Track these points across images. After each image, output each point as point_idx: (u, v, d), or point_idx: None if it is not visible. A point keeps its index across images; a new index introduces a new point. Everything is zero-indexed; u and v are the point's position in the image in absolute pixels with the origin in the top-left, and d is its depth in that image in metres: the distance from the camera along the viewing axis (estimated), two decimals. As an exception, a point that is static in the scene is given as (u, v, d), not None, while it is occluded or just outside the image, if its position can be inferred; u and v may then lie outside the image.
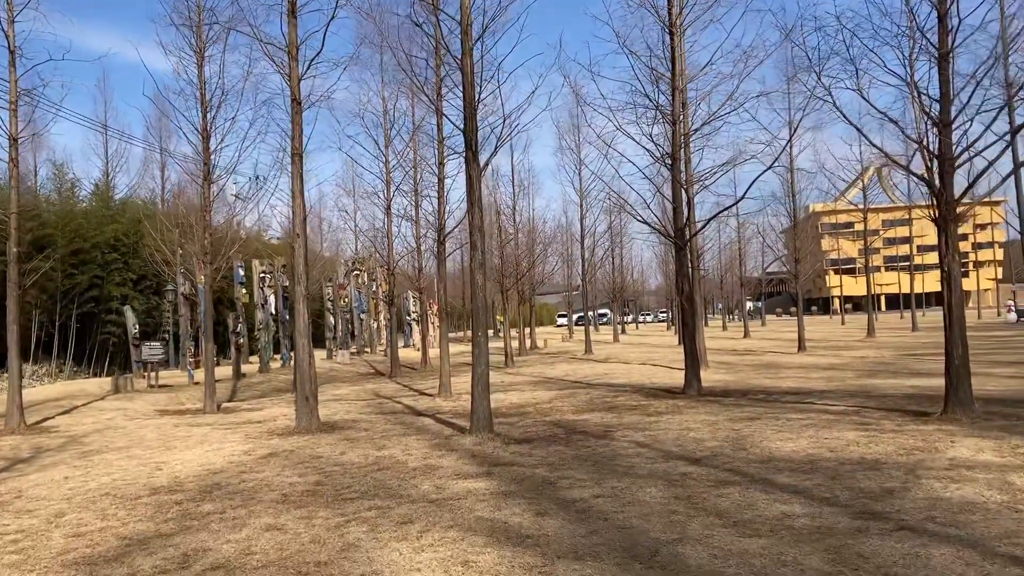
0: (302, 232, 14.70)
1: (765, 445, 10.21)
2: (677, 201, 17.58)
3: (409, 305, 45.85)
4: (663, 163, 17.89)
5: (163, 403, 22.71)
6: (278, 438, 13.47)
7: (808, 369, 23.09)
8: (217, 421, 16.99)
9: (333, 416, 16.68)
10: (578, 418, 14.18)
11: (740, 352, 33.51)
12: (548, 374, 25.98)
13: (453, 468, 9.69)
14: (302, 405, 14.46)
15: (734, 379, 21.02)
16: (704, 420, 12.94)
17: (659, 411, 14.61)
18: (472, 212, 12.26)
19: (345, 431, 14.01)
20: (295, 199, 14.70)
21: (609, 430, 12.38)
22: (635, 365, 28.41)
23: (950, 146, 11.69)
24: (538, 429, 12.97)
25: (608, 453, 10.24)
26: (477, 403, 12.15)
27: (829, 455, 9.31)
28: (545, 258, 38.01)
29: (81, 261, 35.51)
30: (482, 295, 12.47)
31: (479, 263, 12.31)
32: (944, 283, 11.82)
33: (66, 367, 35.04)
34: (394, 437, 12.81)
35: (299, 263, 14.64)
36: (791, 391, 17.24)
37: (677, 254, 17.84)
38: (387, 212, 28.41)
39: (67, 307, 35.49)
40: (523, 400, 18.04)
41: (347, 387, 25.66)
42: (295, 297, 14.81)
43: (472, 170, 12.24)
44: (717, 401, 15.93)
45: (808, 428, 11.43)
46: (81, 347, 36.39)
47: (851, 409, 13.41)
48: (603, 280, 55.57)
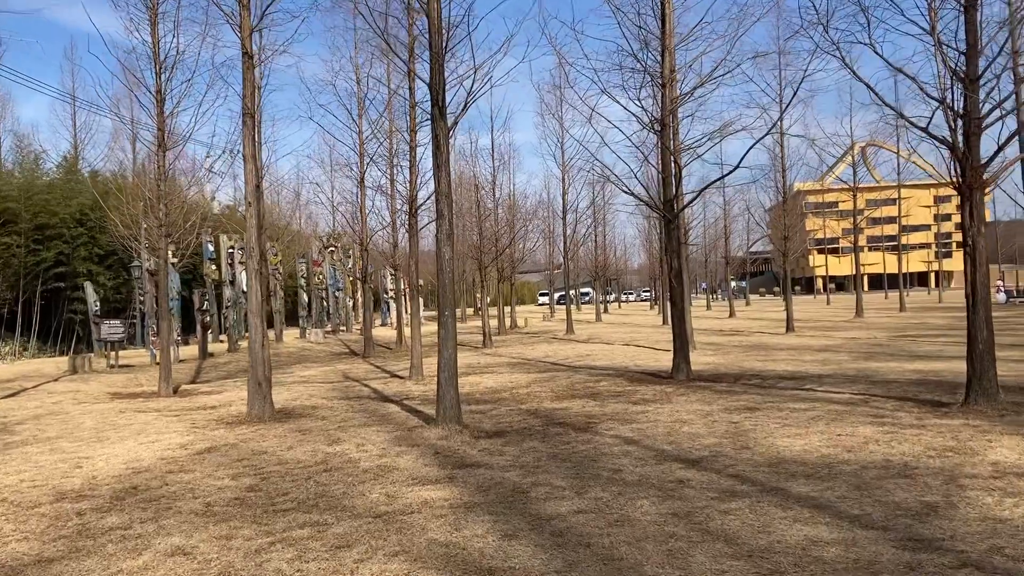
0: (255, 200, 13.16)
1: (770, 443, 8.83)
2: (666, 171, 16.13)
3: (387, 283, 44.27)
4: (652, 129, 16.43)
5: (120, 385, 21.19)
6: (225, 428, 12.00)
7: (800, 351, 21.80)
8: (168, 406, 15.51)
9: (293, 401, 15.23)
10: (557, 406, 12.78)
11: (727, 332, 32.23)
12: (527, 355, 24.59)
13: (411, 470, 8.24)
14: (254, 391, 12.98)
15: (724, 362, 19.70)
16: (697, 410, 11.56)
17: (646, 399, 13.23)
18: (439, 176, 10.77)
19: (300, 420, 12.56)
20: (247, 164, 13.15)
21: (592, 421, 10.98)
22: (618, 346, 27.05)
23: (977, 104, 10.28)
24: (513, 419, 11.56)
25: (590, 451, 8.83)
26: (443, 391, 10.72)
27: (847, 456, 7.93)
28: (526, 235, 36.53)
29: (46, 236, 33.79)
30: (449, 270, 11.00)
31: (446, 234, 10.83)
32: (968, 258, 10.45)
33: (31, 346, 33.40)
34: (352, 428, 11.37)
35: (252, 235, 13.11)
36: (787, 375, 15.92)
37: (666, 228, 16.42)
38: (360, 185, 26.89)
39: (31, 283, 33.79)
40: (499, 384, 16.64)
41: (317, 368, 24.20)
42: (248, 272, 13.30)
43: (439, 128, 10.73)
44: (708, 387, 14.58)
45: (816, 421, 10.07)
46: (47, 325, 34.75)
47: (858, 397, 12.07)
48: (585, 258, 54.17)
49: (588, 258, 52.72)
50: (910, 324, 31.05)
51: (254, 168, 13.18)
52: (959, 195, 10.44)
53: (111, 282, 36.16)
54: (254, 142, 13.25)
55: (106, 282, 35.82)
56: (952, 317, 35.42)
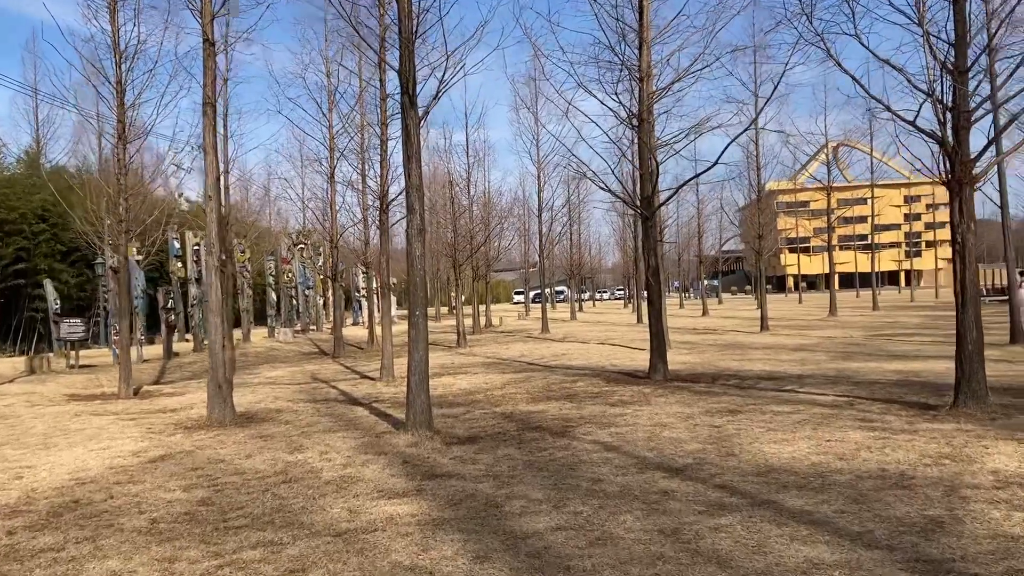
0: (215, 194, 12.51)
1: (757, 449, 8.36)
2: (644, 167, 15.66)
3: (359, 281, 43.49)
4: (629, 125, 15.94)
5: (79, 386, 20.40)
6: (182, 433, 11.35)
7: (776, 350, 21.45)
8: (126, 409, 14.81)
9: (257, 404, 14.58)
10: (533, 409, 12.25)
11: (701, 331, 31.90)
12: (502, 355, 24.06)
13: (376, 481, 7.67)
14: (214, 394, 12.34)
15: (700, 361, 19.29)
16: (677, 413, 11.08)
17: (624, 400, 12.75)
18: (409, 169, 10.20)
19: (263, 424, 11.94)
20: (207, 155, 12.49)
21: (569, 425, 10.47)
22: (594, 345, 26.60)
23: (966, 97, 9.89)
24: (487, 424, 11.02)
25: (568, 458, 8.31)
26: (414, 395, 10.15)
27: (840, 464, 7.47)
28: (501, 232, 35.94)
29: (5, 232, 32.73)
30: (421, 267, 10.44)
31: (417, 229, 10.26)
32: (956, 256, 10.06)
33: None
34: (317, 434, 10.77)
35: (212, 230, 12.46)
36: (765, 376, 15.52)
37: (643, 225, 15.96)
38: (330, 180, 26.20)
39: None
40: (473, 385, 16.10)
41: (284, 368, 23.51)
42: (208, 269, 12.65)
43: (409, 119, 10.17)
44: (687, 388, 14.13)
45: (802, 426, 9.62)
46: (7, 324, 33.68)
47: (842, 400, 11.66)
48: (561, 256, 53.72)
49: (563, 256, 52.26)
50: (884, 323, 30.89)
51: (215, 160, 12.53)
52: (948, 191, 10.04)
53: (75, 279, 35.13)
54: (215, 133, 12.60)
55: (69, 279, 34.80)
56: (925, 316, 35.39)
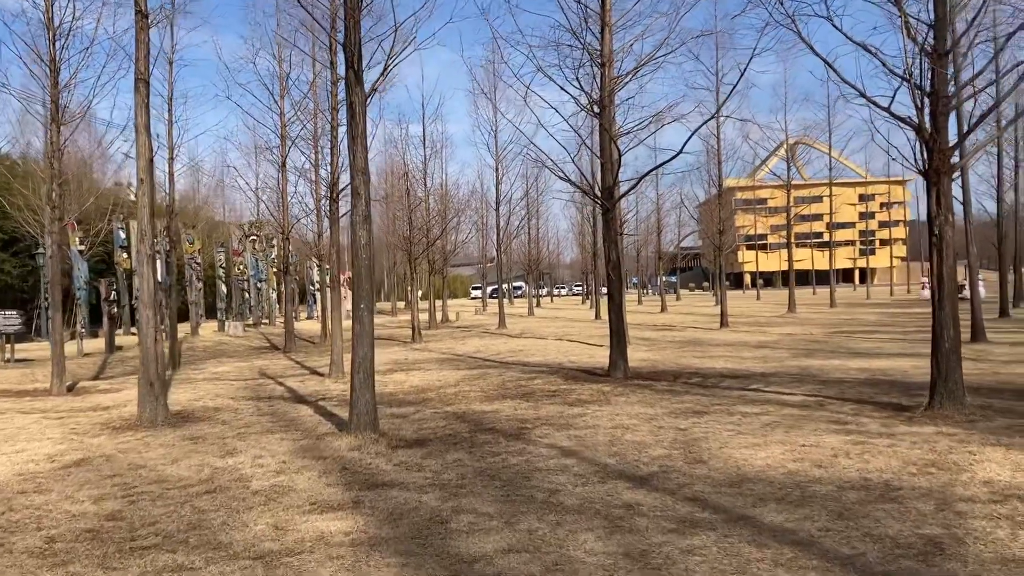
0: (147, 177, 11.55)
1: (727, 455, 7.70)
2: (605, 156, 14.98)
3: (313, 275, 42.35)
4: (590, 112, 15.25)
5: (13, 381, 19.21)
6: (108, 434, 10.42)
7: (737, 347, 20.96)
8: (56, 406, 13.79)
9: (196, 402, 13.66)
10: (487, 408, 11.51)
11: (660, 327, 31.41)
12: (458, 350, 23.27)
13: (310, 492, 6.87)
14: (145, 392, 11.39)
15: (660, 358, 18.70)
16: (640, 414, 10.42)
17: (583, 399, 12.06)
18: (355, 150, 9.39)
19: (198, 424, 11.05)
20: (139, 135, 11.52)
21: (524, 427, 9.75)
22: (551, 341, 25.94)
23: (945, 82, 9.35)
24: (437, 425, 10.25)
25: (523, 465, 7.58)
26: (358, 394, 9.35)
27: (818, 473, 6.84)
28: (458, 226, 35.12)
29: (-59, 221, 31.17)
30: (366, 256, 9.64)
31: (362, 216, 9.45)
32: (933, 250, 9.51)
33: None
34: (253, 435, 9.92)
35: (143, 215, 11.51)
36: (728, 373, 14.95)
37: (604, 217, 15.29)
38: (281, 169, 25.16)
39: (-76, 272, 31.21)
40: (426, 382, 15.31)
41: (232, 363, 22.48)
42: (139, 258, 11.70)
43: (355, 95, 9.35)
44: (648, 386, 13.50)
45: (773, 428, 9.00)
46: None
47: (811, 400, 11.09)
48: (519, 251, 53.03)
49: (521, 251, 51.57)
50: (843, 320, 30.67)
51: (147, 141, 11.56)
52: (925, 181, 9.50)
53: (17, 270, 33.71)
54: (148, 112, 11.63)
55: (11, 270, 33.39)
56: (881, 313, 35.36)
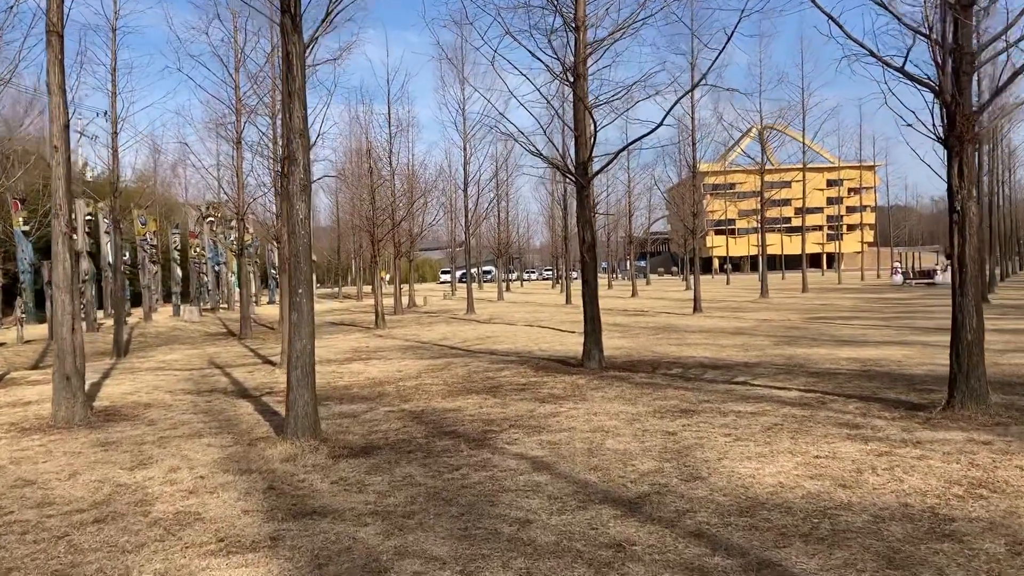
0: (62, 144, 9.99)
1: (729, 469, 6.40)
2: (580, 128, 13.62)
3: (275, 257, 40.54)
4: (564, 80, 13.86)
5: (-62, 372, 17.53)
6: (10, 438, 8.92)
7: (714, 334, 19.76)
8: (-29, 402, 12.24)
9: (127, 396, 12.16)
10: (449, 406, 10.13)
11: (631, 312, 30.21)
12: (423, 337, 21.86)
13: (221, 522, 5.46)
14: (61, 388, 9.89)
15: (635, 346, 17.44)
16: (620, 413, 9.11)
17: (556, 395, 10.73)
18: (291, 108, 7.96)
19: (119, 424, 9.57)
20: (52, 96, 9.96)
21: (490, 431, 8.39)
22: (521, 327, 24.60)
23: (970, 36, 8.10)
24: (390, 427, 8.85)
25: (487, 484, 6.22)
26: (295, 395, 7.93)
27: (844, 496, 5.55)
28: (425, 207, 33.58)
29: None
30: (305, 232, 8.22)
31: (300, 185, 8.05)
32: (955, 229, 8.26)
33: None
34: (177, 439, 8.47)
35: (59, 187, 9.96)
36: (710, 364, 13.71)
37: (578, 195, 13.94)
38: (237, 145, 23.47)
39: None
40: (384, 374, 13.91)
41: (183, 351, 20.89)
42: (53, 236, 10.15)
43: (291, 45, 7.90)
44: (626, 378, 12.20)
45: (776, 433, 7.71)
46: None
47: (810, 396, 9.84)
48: (488, 235, 51.60)
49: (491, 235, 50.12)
50: (818, 305, 29.67)
51: (61, 103, 9.99)
52: (946, 149, 8.24)
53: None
54: (63, 70, 10.05)
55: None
56: (856, 298, 34.46)
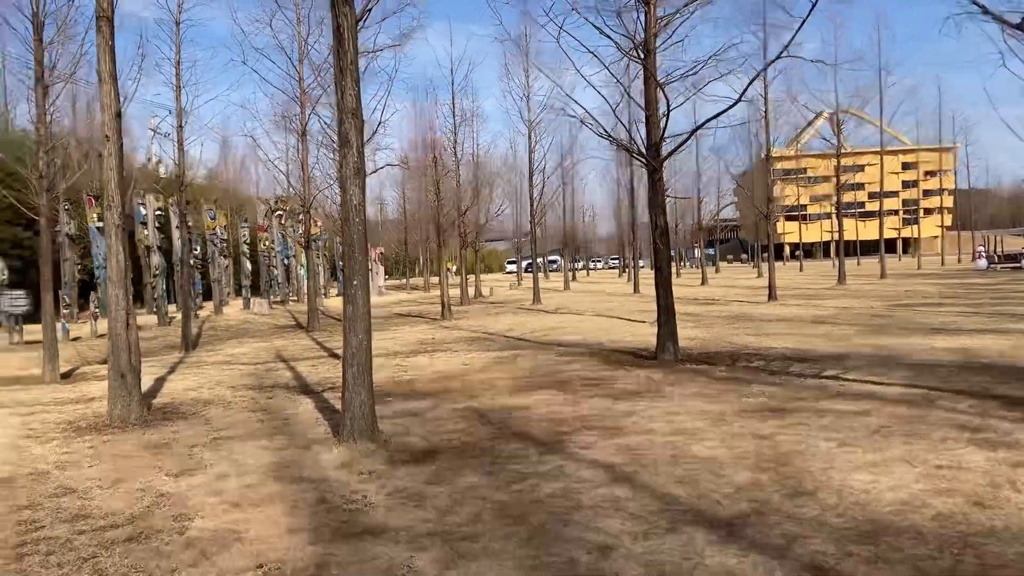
0: (113, 133, 9.59)
1: (839, 482, 5.55)
2: (651, 108, 12.75)
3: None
4: (634, 57, 13.00)
5: (13, 366, 17.55)
6: (63, 438, 8.55)
7: (793, 323, 18.63)
8: (38, 397, 12.04)
9: (188, 392, 11.81)
10: (516, 403, 9.44)
11: (703, 301, 29.16)
12: (490, 328, 21.25)
13: (263, 545, 4.85)
14: (116, 386, 9.52)
15: (710, 336, 16.49)
16: (703, 412, 8.29)
17: (631, 391, 9.95)
18: (343, 85, 7.33)
19: (174, 424, 9.15)
20: (103, 84, 9.56)
21: (561, 432, 7.67)
22: (589, 317, 23.81)
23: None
24: (454, 427, 8.20)
25: (559, 498, 5.50)
26: (351, 394, 7.34)
27: (984, 519, 4.63)
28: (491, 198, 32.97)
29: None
30: (360, 220, 7.62)
31: (354, 169, 7.43)
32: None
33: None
34: (230, 442, 7.96)
35: (110, 179, 9.57)
36: (794, 355, 12.73)
37: (650, 178, 13.07)
38: (302, 137, 23.25)
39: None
40: (450, 367, 13.31)
41: (251, 344, 20.70)
42: (106, 229, 9.77)
43: (342, 17, 7.28)
44: (704, 372, 11.34)
45: (885, 437, 6.81)
46: (-30, 296, 30.94)
47: (914, 392, 8.85)
48: (554, 225, 50.79)
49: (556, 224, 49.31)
50: (899, 292, 28.09)
51: (112, 90, 9.59)
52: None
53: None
54: (113, 57, 9.65)
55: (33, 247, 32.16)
56: (939, 284, 32.60)
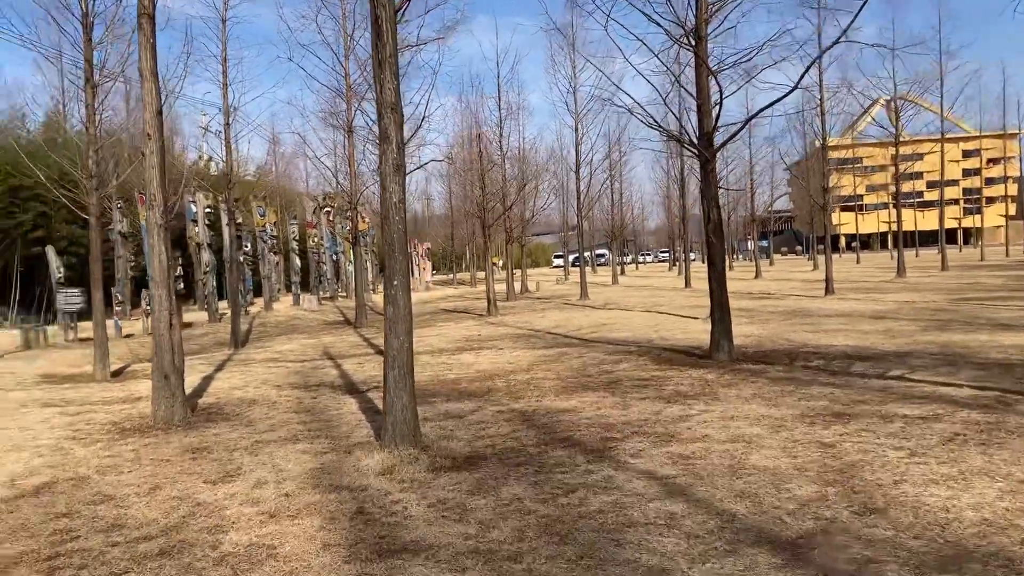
0: (155, 131, 9.46)
1: (913, 497, 5.09)
2: (703, 96, 12.26)
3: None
4: (684, 44, 12.52)
5: (68, 363, 17.79)
6: (106, 441, 8.44)
7: (851, 319, 17.92)
8: (86, 396, 12.06)
9: (234, 391, 11.71)
10: (563, 406, 9.10)
11: (757, 295, 28.42)
12: (536, 325, 20.91)
13: (297, 560, 4.58)
14: (159, 388, 9.41)
15: (766, 333, 15.93)
16: (762, 417, 7.84)
17: (684, 393, 9.53)
18: (382, 78, 7.05)
19: (217, 426, 9.00)
20: (144, 82, 9.44)
21: (611, 438, 7.30)
22: (638, 313, 23.33)
23: None
24: (498, 431, 7.88)
25: (610, 513, 5.14)
26: (392, 398, 7.07)
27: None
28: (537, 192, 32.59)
29: (22, 199, 30.51)
30: (399, 217, 7.34)
31: (394, 165, 7.15)
32: None
33: (11, 315, 30.27)
34: (271, 445, 7.76)
35: (152, 177, 9.45)
36: (855, 354, 12.15)
37: (703, 169, 12.58)
38: (348, 134, 23.19)
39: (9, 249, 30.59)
40: (495, 366, 13.01)
41: (299, 340, 20.69)
42: (149, 227, 9.67)
43: (379, 7, 6.99)
44: (761, 372, 10.86)
45: (961, 446, 6.30)
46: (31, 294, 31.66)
47: (987, 395, 8.27)
48: (601, 218, 50.16)
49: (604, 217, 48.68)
50: (963, 285, 26.99)
51: (154, 88, 9.46)
52: None
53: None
54: (154, 54, 9.52)
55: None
56: (1005, 276, 31.22)
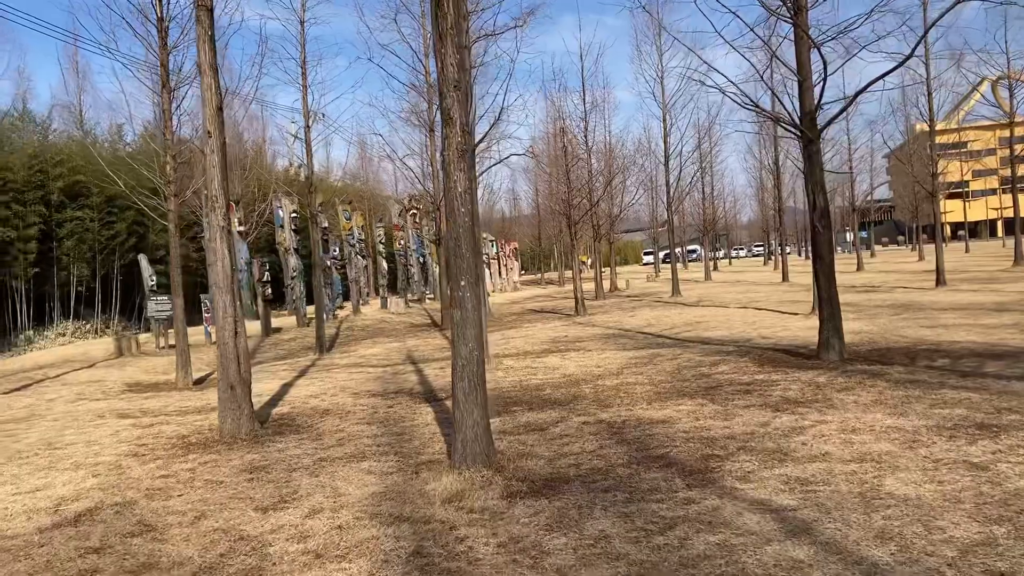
0: (215, 129, 8.93)
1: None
2: (804, 72, 11.07)
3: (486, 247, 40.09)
4: (782, 16, 11.34)
5: (156, 371, 17.78)
6: (166, 458, 7.92)
7: (971, 312, 16.27)
8: (163, 407, 11.75)
9: (310, 400, 11.17)
10: (656, 415, 8.13)
11: (861, 288, 26.61)
12: (625, 324, 19.88)
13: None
14: (226, 399, 8.88)
15: (876, 329, 14.54)
16: (891, 429, 6.71)
17: (793, 399, 8.43)
18: (443, 54, 6.26)
19: (281, 440, 8.39)
20: (203, 77, 8.92)
21: (712, 457, 6.32)
22: (734, 310, 22.00)
23: None
24: (582, 448, 6.98)
25: (717, 560, 4.20)
26: (462, 413, 6.29)
27: None
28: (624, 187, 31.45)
29: (119, 208, 31.28)
30: (466, 211, 6.54)
31: (459, 151, 6.36)
32: None
33: (112, 323, 31.07)
34: (336, 464, 7.06)
35: (214, 177, 8.93)
36: (986, 352, 10.75)
37: (805, 151, 11.38)
38: (430, 133, 22.62)
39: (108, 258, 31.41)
40: (582, 370, 12.11)
41: (384, 344, 20.23)
42: (211, 231, 9.15)
43: (439, -27, 6.21)
44: (879, 374, 9.63)
45: None
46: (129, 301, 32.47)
47: None
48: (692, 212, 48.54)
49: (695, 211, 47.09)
50: (1093, 273, 24.71)
51: (213, 83, 8.93)
52: None
53: (195, 254, 33.73)
54: (214, 48, 8.99)
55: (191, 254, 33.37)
56: None
